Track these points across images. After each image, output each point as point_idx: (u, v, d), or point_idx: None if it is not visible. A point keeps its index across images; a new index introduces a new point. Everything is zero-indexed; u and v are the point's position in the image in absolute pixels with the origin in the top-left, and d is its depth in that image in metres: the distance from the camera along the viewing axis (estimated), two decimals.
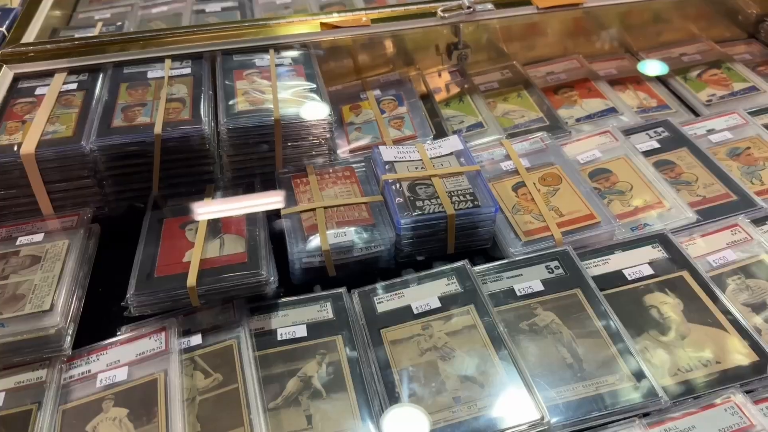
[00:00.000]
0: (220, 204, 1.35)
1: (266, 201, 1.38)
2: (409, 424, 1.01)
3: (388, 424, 1.00)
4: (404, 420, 1.01)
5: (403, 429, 1.01)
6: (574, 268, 1.23)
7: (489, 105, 1.73)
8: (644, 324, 1.13)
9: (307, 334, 1.15)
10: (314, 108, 1.43)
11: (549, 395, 1.03)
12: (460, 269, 1.24)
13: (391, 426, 1.00)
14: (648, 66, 1.89)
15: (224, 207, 1.35)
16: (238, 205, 1.35)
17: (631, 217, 1.36)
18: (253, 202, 1.35)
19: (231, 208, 1.34)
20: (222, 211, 1.33)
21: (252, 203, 1.35)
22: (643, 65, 1.90)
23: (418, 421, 1.00)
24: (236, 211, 1.33)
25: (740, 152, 1.51)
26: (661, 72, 1.87)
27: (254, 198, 1.37)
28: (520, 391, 1.02)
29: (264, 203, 1.36)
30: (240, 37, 1.66)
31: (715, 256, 1.25)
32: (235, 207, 1.34)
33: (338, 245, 1.25)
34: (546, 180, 1.43)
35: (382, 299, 1.21)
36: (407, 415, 1.01)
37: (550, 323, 1.14)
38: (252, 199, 1.36)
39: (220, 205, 1.35)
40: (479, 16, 1.72)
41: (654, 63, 1.90)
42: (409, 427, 1.01)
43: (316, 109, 1.42)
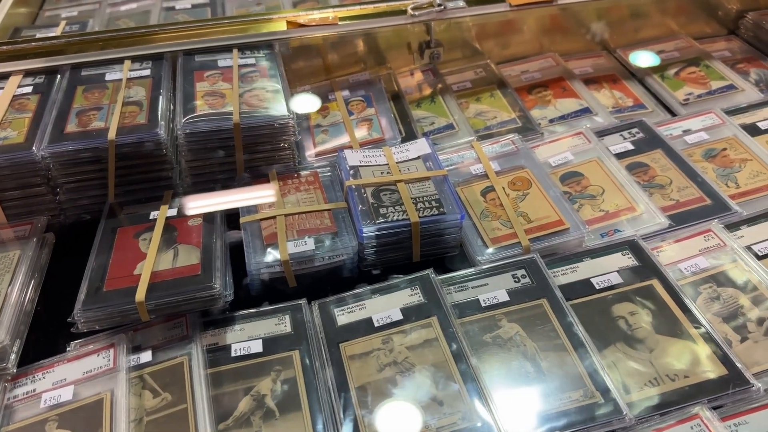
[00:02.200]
0: (176, 212, 1.30)
1: (225, 208, 1.33)
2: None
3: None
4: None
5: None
6: (541, 277, 1.19)
7: (461, 105, 1.68)
8: (611, 335, 1.09)
9: (262, 349, 1.11)
10: (276, 111, 1.37)
11: (510, 412, 0.99)
12: (424, 279, 1.20)
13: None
14: (640, 58, 1.85)
15: (180, 215, 1.30)
16: (195, 213, 1.29)
17: (601, 222, 1.31)
18: (211, 210, 1.30)
19: (187, 216, 1.29)
20: (177, 220, 1.28)
21: (210, 211, 1.30)
22: (635, 57, 1.86)
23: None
24: (193, 219, 1.28)
25: (716, 154, 1.47)
26: (652, 63, 1.83)
27: (212, 205, 1.32)
28: (480, 408, 0.98)
29: (222, 211, 1.31)
30: (203, 36, 1.61)
31: (687, 264, 1.21)
32: (191, 215, 1.29)
33: (298, 255, 1.21)
34: (515, 184, 1.39)
35: (342, 311, 1.16)
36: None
37: (514, 336, 1.10)
38: (210, 207, 1.31)
39: (175, 214, 1.30)
40: (450, 14, 1.68)
41: (646, 54, 1.86)
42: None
43: (279, 112, 1.37)
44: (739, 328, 1.09)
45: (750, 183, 1.38)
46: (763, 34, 1.88)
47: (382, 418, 0.99)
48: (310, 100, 1.66)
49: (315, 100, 1.65)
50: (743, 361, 1.04)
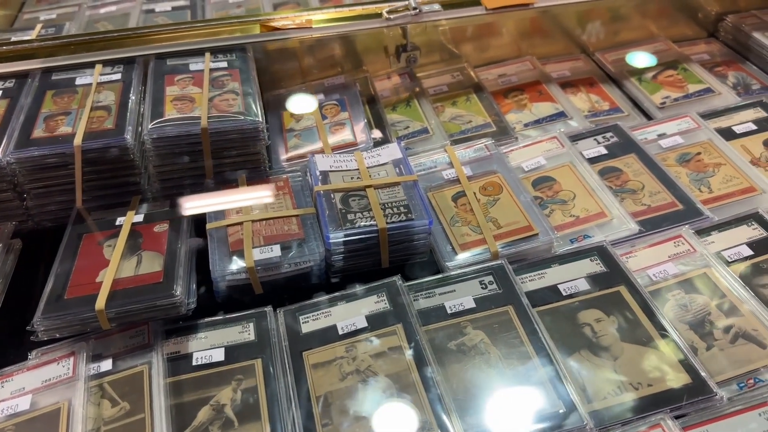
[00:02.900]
0: (142, 218, 1.29)
1: (192, 214, 1.32)
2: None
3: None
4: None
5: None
6: (508, 283, 1.18)
7: (437, 109, 1.67)
8: (576, 343, 1.08)
9: (224, 358, 1.09)
10: (246, 116, 1.36)
11: (471, 421, 0.98)
12: (390, 286, 1.18)
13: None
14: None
15: (147, 221, 1.28)
16: (161, 219, 1.28)
17: (571, 228, 1.31)
18: (178, 216, 1.29)
19: (153, 222, 1.28)
20: (144, 226, 1.27)
21: (176, 216, 1.29)
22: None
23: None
24: (159, 225, 1.27)
25: (690, 158, 1.46)
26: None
27: (179, 211, 1.30)
28: (440, 418, 0.97)
29: (188, 216, 1.30)
30: (176, 40, 1.59)
31: (656, 270, 1.20)
32: (157, 221, 1.28)
33: (264, 262, 1.19)
34: (487, 189, 1.38)
35: (308, 318, 1.15)
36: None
37: (479, 343, 1.09)
38: (176, 213, 1.30)
39: (142, 220, 1.28)
40: (426, 18, 1.67)
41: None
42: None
43: (248, 117, 1.36)
44: (706, 335, 1.09)
45: (723, 188, 1.37)
46: (742, 37, 1.87)
47: (342, 428, 0.98)
48: (283, 104, 1.65)
49: (289, 104, 1.64)
50: (708, 369, 1.03)
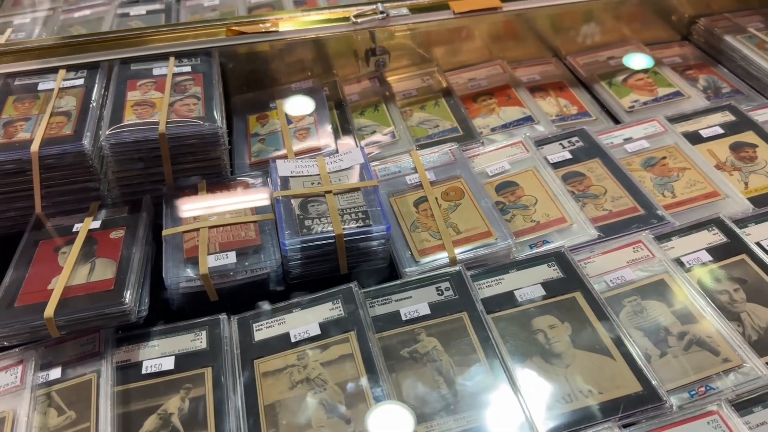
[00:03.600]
0: (99, 224, 1.28)
1: (149, 220, 1.31)
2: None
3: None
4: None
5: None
6: (465, 289, 1.17)
7: (405, 114, 1.67)
8: (529, 349, 1.08)
9: (174, 366, 1.08)
10: (205, 121, 1.35)
11: (418, 429, 0.97)
12: (346, 292, 1.17)
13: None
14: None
15: (104, 228, 1.27)
16: (118, 225, 1.27)
17: (532, 233, 1.30)
18: (135, 222, 1.28)
19: (110, 228, 1.27)
20: (100, 233, 1.26)
21: (133, 223, 1.28)
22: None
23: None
24: (115, 232, 1.26)
25: (655, 162, 1.45)
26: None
27: (136, 217, 1.29)
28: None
29: (145, 223, 1.29)
30: (141, 44, 1.59)
31: (613, 275, 1.19)
32: (114, 227, 1.27)
33: (219, 269, 1.18)
34: (449, 195, 1.37)
35: (261, 326, 1.14)
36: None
37: (431, 350, 1.08)
38: (134, 219, 1.29)
39: (99, 226, 1.27)
40: (393, 22, 1.66)
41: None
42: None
43: (207, 122, 1.35)
44: (660, 342, 1.08)
45: (686, 192, 1.37)
46: (714, 40, 1.87)
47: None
48: (252, 108, 1.64)
49: (257, 108, 1.63)
50: (661, 376, 1.02)
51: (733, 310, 1.11)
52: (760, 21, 1.91)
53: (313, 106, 1.60)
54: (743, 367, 1.02)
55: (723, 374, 1.02)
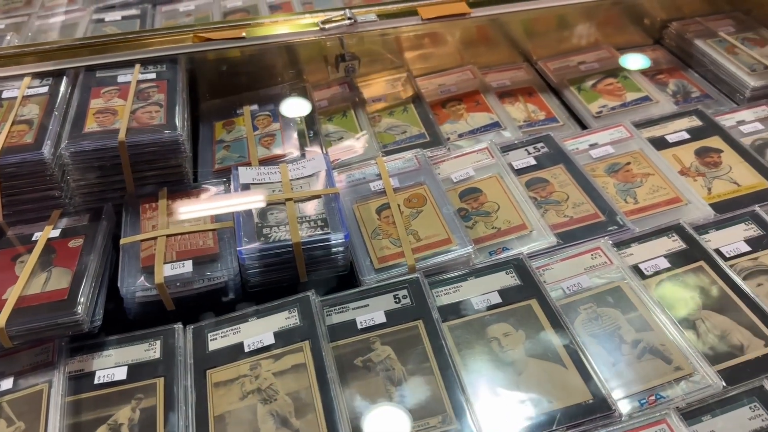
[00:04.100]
0: (59, 233, 1.27)
1: (109, 229, 1.30)
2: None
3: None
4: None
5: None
6: (422, 297, 1.16)
7: (374, 120, 1.66)
8: (483, 358, 1.07)
9: (126, 376, 1.08)
10: (166, 129, 1.35)
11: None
12: (303, 301, 1.17)
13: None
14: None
15: (63, 236, 1.27)
16: (77, 234, 1.27)
17: (493, 240, 1.30)
18: (94, 231, 1.27)
19: (69, 237, 1.26)
20: (59, 241, 1.25)
21: (92, 231, 1.27)
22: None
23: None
24: (74, 240, 1.25)
25: (619, 168, 1.45)
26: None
27: (96, 226, 1.29)
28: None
29: (105, 231, 1.29)
30: (107, 52, 1.58)
31: (570, 282, 1.19)
32: (73, 236, 1.26)
33: (174, 278, 1.18)
34: (411, 201, 1.37)
35: (216, 336, 1.14)
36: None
37: (385, 359, 1.08)
38: (93, 227, 1.28)
39: (58, 235, 1.27)
40: (361, 28, 1.66)
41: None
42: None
43: (168, 129, 1.35)
44: (613, 350, 1.07)
45: (649, 198, 1.37)
46: (685, 44, 1.87)
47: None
48: (219, 114, 1.63)
49: (224, 114, 1.63)
50: (612, 385, 1.02)
51: (688, 318, 1.11)
52: (731, 25, 1.91)
53: (278, 112, 1.60)
54: (694, 375, 1.02)
55: (674, 382, 1.02)
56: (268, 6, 2.26)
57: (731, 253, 1.22)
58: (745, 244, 1.24)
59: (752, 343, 1.06)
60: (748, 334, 1.07)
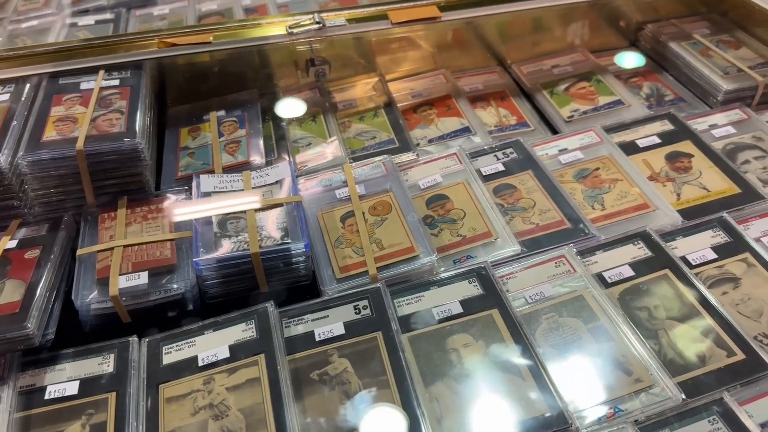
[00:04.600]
0: (16, 243, 1.25)
1: (67, 239, 1.28)
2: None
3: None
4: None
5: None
6: (382, 308, 1.14)
7: (344, 125, 1.64)
8: (441, 370, 1.05)
9: (78, 391, 1.06)
10: (125, 136, 1.33)
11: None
12: (261, 313, 1.15)
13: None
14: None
15: (20, 247, 1.24)
16: (35, 245, 1.24)
17: (457, 248, 1.28)
18: (51, 241, 1.25)
19: (26, 248, 1.24)
20: (16, 252, 1.23)
21: (49, 242, 1.25)
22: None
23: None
24: (30, 251, 1.23)
25: (588, 174, 1.43)
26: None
27: (53, 236, 1.26)
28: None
29: (63, 242, 1.27)
30: (71, 58, 1.56)
31: (533, 291, 1.17)
32: (30, 247, 1.24)
33: (129, 290, 1.16)
34: (376, 209, 1.35)
35: (171, 349, 1.11)
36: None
37: (342, 372, 1.06)
38: (50, 238, 1.26)
39: (15, 245, 1.25)
40: (330, 32, 1.64)
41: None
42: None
43: (127, 137, 1.32)
44: (573, 361, 1.05)
45: (616, 204, 1.35)
46: (660, 47, 1.86)
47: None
48: (186, 120, 1.61)
49: (190, 120, 1.61)
50: (571, 397, 1.00)
51: (650, 328, 1.10)
52: (707, 27, 1.89)
53: (246, 119, 1.58)
54: (654, 387, 1.00)
55: (634, 395, 1.00)
56: (243, 9, 2.25)
57: (697, 260, 1.21)
58: (712, 252, 1.22)
59: (714, 354, 1.04)
60: (710, 344, 1.05)
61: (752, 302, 1.13)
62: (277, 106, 1.69)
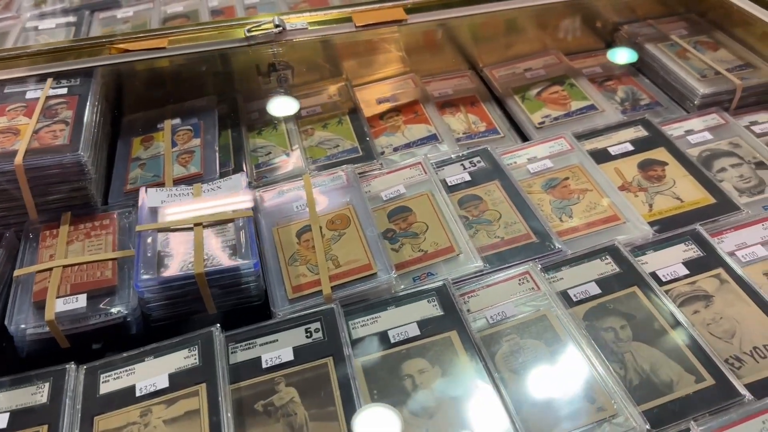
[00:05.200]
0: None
1: (7, 258, 1.21)
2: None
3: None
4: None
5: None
6: (335, 331, 1.08)
7: (306, 132, 1.58)
8: (395, 399, 0.99)
9: (6, 425, 0.99)
10: (67, 149, 1.25)
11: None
12: (205, 337, 1.08)
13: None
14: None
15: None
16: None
17: (418, 264, 1.21)
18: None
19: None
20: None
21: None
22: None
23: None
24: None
25: (557, 184, 1.37)
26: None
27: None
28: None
29: (2, 261, 1.20)
30: (19, 66, 1.49)
31: (495, 311, 1.11)
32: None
33: (66, 314, 1.09)
34: (334, 223, 1.28)
35: (109, 377, 1.05)
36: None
37: (288, 402, 0.99)
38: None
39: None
40: (290, 36, 1.57)
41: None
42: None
43: (69, 150, 1.25)
44: (533, 388, 0.99)
45: (585, 216, 1.29)
46: (636, 48, 1.80)
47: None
48: (140, 129, 1.54)
49: (144, 129, 1.54)
50: (530, 427, 0.94)
51: (616, 350, 1.03)
52: (685, 28, 1.84)
53: (201, 127, 1.51)
54: (618, 416, 0.94)
55: (596, 425, 0.94)
56: (210, 11, 2.17)
57: (668, 276, 1.15)
58: (684, 267, 1.16)
59: (682, 379, 0.98)
60: (678, 369, 0.99)
61: (724, 322, 1.07)
62: (237, 113, 1.62)
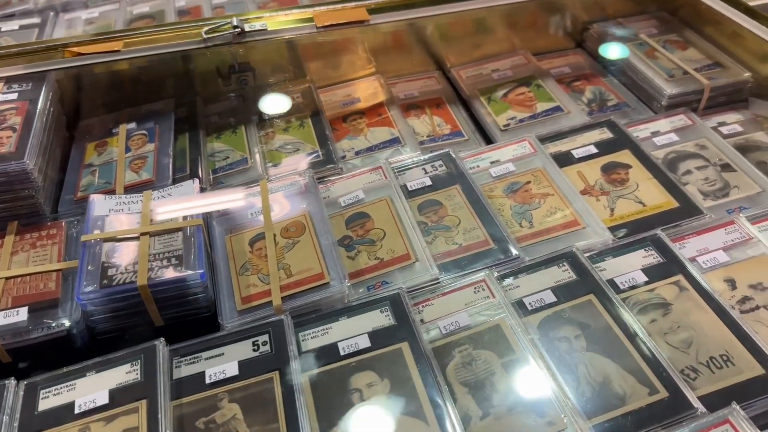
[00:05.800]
0: None
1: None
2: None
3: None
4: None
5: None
6: (283, 343, 1.05)
7: (267, 136, 1.54)
8: (340, 413, 0.96)
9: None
10: (13, 157, 1.22)
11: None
12: (149, 352, 1.05)
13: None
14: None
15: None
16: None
17: (374, 272, 1.18)
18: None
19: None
20: None
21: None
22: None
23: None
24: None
25: (518, 188, 1.34)
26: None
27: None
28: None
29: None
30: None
31: (448, 321, 1.08)
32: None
33: (7, 328, 1.06)
34: (289, 231, 1.25)
35: (49, 393, 1.01)
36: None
37: (231, 420, 0.96)
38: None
39: None
40: (250, 37, 1.53)
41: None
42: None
43: (15, 158, 1.21)
44: (484, 401, 0.97)
45: (545, 222, 1.26)
46: (605, 48, 1.77)
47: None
48: (94, 134, 1.50)
49: (99, 134, 1.50)
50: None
51: (569, 361, 1.01)
52: (655, 26, 1.81)
53: (156, 132, 1.47)
54: (567, 431, 0.91)
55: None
56: (176, 11, 2.14)
57: (626, 284, 1.12)
58: (643, 274, 1.13)
59: (635, 391, 0.95)
60: (632, 380, 0.97)
61: (681, 331, 1.04)
62: (195, 116, 1.58)
